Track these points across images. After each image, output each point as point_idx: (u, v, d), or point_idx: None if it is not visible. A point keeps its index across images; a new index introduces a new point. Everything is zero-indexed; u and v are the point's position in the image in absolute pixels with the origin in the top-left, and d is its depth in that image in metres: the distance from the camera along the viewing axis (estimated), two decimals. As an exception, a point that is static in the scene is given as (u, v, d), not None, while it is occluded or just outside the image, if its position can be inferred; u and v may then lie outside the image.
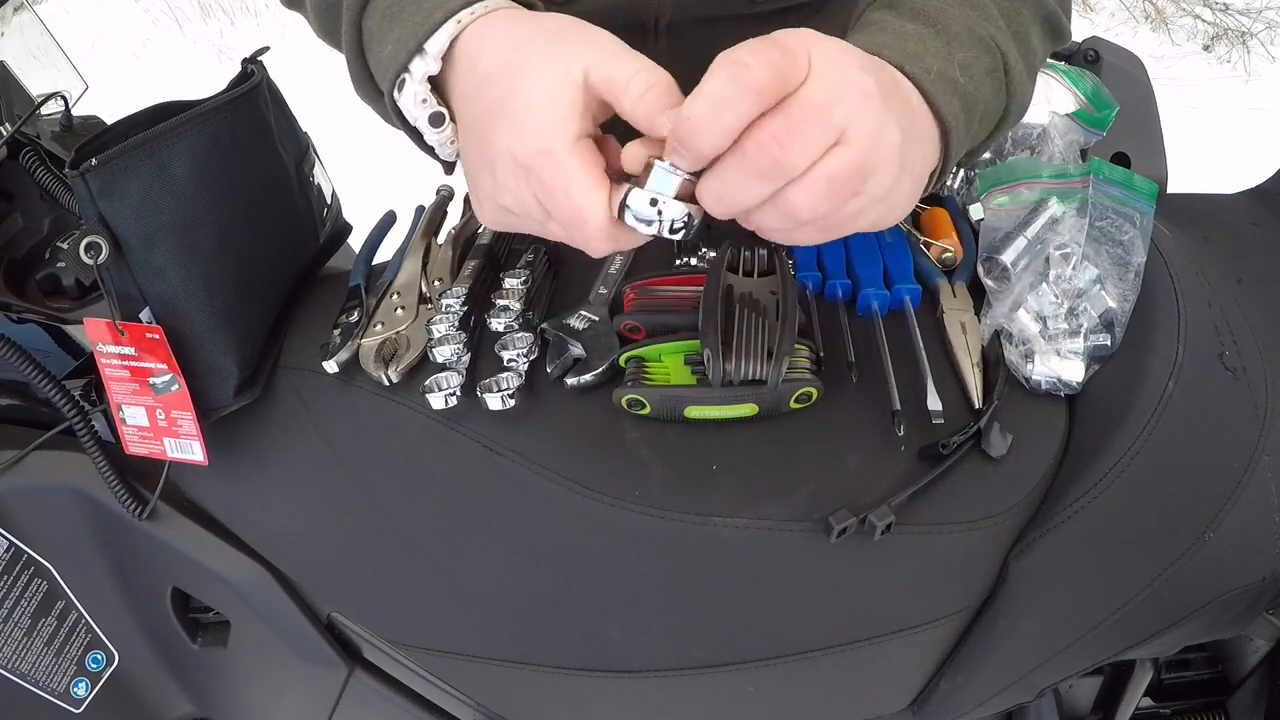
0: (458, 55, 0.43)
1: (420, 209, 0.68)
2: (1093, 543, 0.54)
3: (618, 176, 0.40)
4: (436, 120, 0.44)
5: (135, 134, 0.48)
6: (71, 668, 0.61)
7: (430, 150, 0.48)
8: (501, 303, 0.58)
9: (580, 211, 0.39)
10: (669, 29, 0.69)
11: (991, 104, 0.46)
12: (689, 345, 0.55)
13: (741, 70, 0.34)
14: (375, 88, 0.48)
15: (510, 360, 0.55)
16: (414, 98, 0.44)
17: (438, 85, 0.45)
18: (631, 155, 0.40)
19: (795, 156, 0.35)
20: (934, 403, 0.54)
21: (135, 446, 0.56)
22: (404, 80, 0.44)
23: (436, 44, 0.42)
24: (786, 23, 0.71)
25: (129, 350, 0.51)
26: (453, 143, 0.46)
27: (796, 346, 0.54)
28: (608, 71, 0.39)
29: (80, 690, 0.62)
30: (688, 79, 0.73)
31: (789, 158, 0.34)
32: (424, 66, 0.43)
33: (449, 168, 0.49)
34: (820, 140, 0.35)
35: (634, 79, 0.38)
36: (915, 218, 0.67)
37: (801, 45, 0.35)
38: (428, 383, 0.54)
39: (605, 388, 0.54)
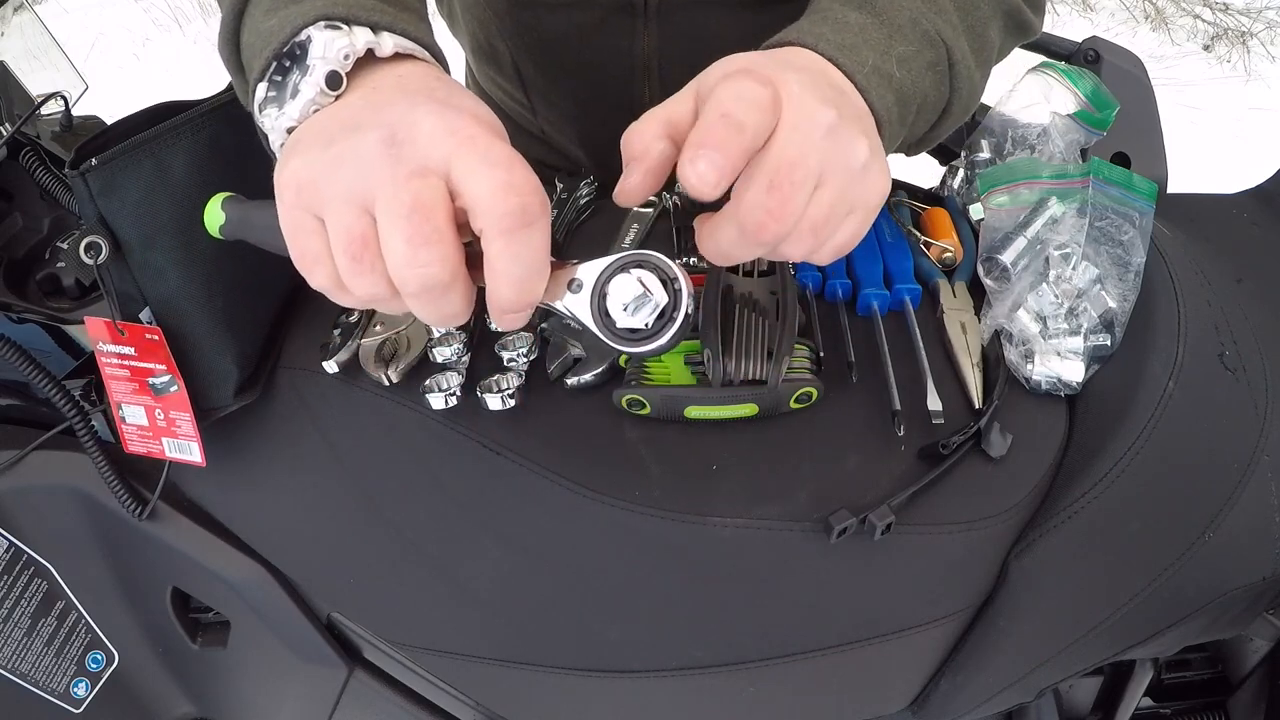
0: (381, 64, 0.39)
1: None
2: (1093, 543, 0.54)
3: None
4: (334, 81, 0.38)
5: (135, 134, 0.48)
6: (71, 668, 0.61)
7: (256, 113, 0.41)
8: (501, 303, 0.58)
9: (540, 208, 0.34)
10: (658, 11, 0.69)
11: (932, 96, 0.47)
12: (689, 345, 0.55)
13: (734, 134, 0.35)
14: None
15: (510, 360, 0.55)
16: (330, 45, 0.38)
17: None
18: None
19: (789, 223, 0.37)
20: (934, 403, 0.54)
21: (135, 445, 0.56)
22: (310, 36, 0.38)
23: (383, 41, 0.39)
24: (774, 12, 0.71)
25: (129, 350, 0.51)
26: (317, 110, 0.38)
27: (796, 346, 0.54)
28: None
29: (80, 690, 0.62)
30: (675, 62, 0.74)
31: (784, 226, 0.37)
32: (365, 36, 0.38)
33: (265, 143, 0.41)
34: (805, 197, 0.37)
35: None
36: (915, 218, 0.67)
37: (772, 88, 0.37)
38: (428, 383, 0.54)
39: (605, 388, 0.54)
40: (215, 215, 0.44)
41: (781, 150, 0.36)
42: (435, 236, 0.33)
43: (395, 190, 0.33)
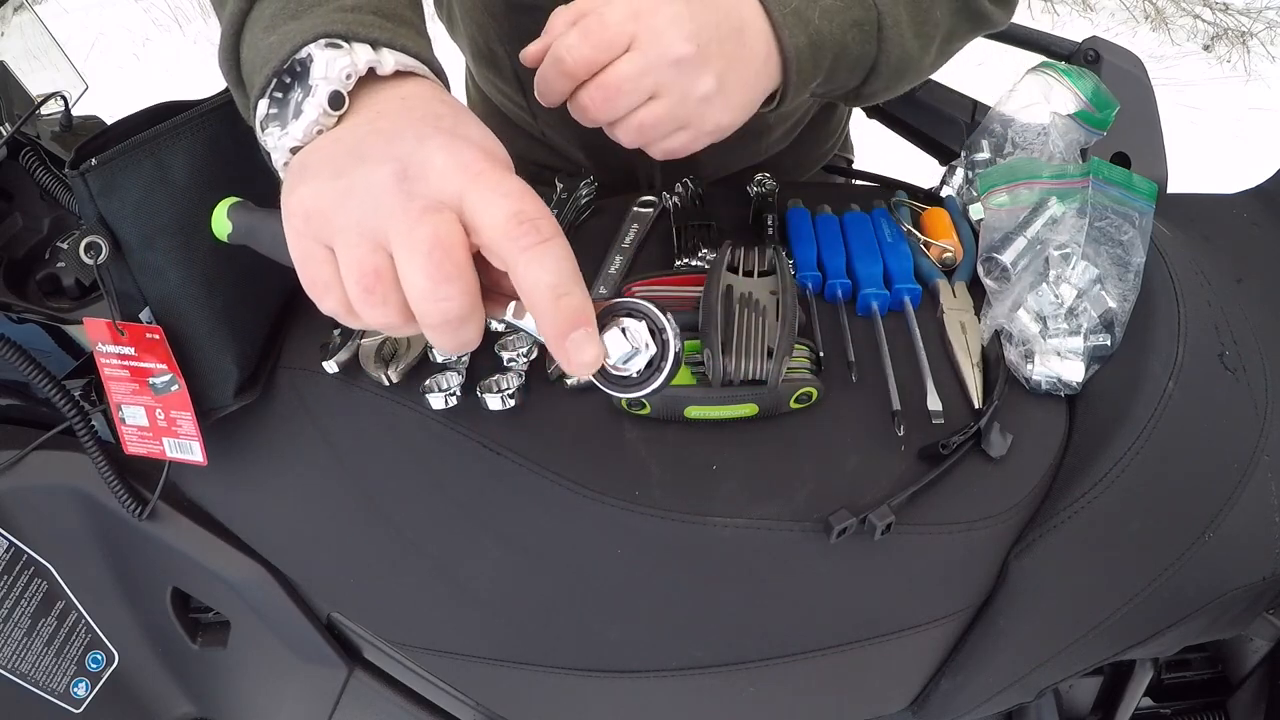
0: (383, 81, 0.40)
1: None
2: (1093, 543, 0.54)
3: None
4: (337, 101, 0.38)
5: (135, 134, 0.48)
6: (71, 668, 0.61)
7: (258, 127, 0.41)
8: (501, 303, 0.58)
9: (528, 209, 0.34)
10: None
11: (854, 51, 0.52)
12: (689, 345, 0.54)
13: (557, 61, 0.47)
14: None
15: (510, 360, 0.55)
16: (332, 64, 0.38)
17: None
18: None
19: (608, 115, 0.48)
20: (934, 403, 0.54)
21: (135, 446, 0.55)
22: (311, 55, 0.38)
23: (382, 58, 0.39)
24: None
25: (129, 350, 0.51)
26: (320, 131, 0.39)
27: (796, 346, 0.54)
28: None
29: (80, 690, 0.62)
30: None
31: (604, 116, 0.48)
32: (366, 55, 0.39)
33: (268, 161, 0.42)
34: (630, 102, 0.47)
35: None
36: (915, 218, 0.67)
37: (625, 23, 0.46)
38: (428, 383, 0.54)
39: (605, 388, 0.54)
40: (223, 222, 0.44)
41: (618, 65, 0.46)
42: (455, 272, 0.33)
43: (411, 227, 0.33)
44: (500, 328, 0.57)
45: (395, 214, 0.34)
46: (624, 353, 0.37)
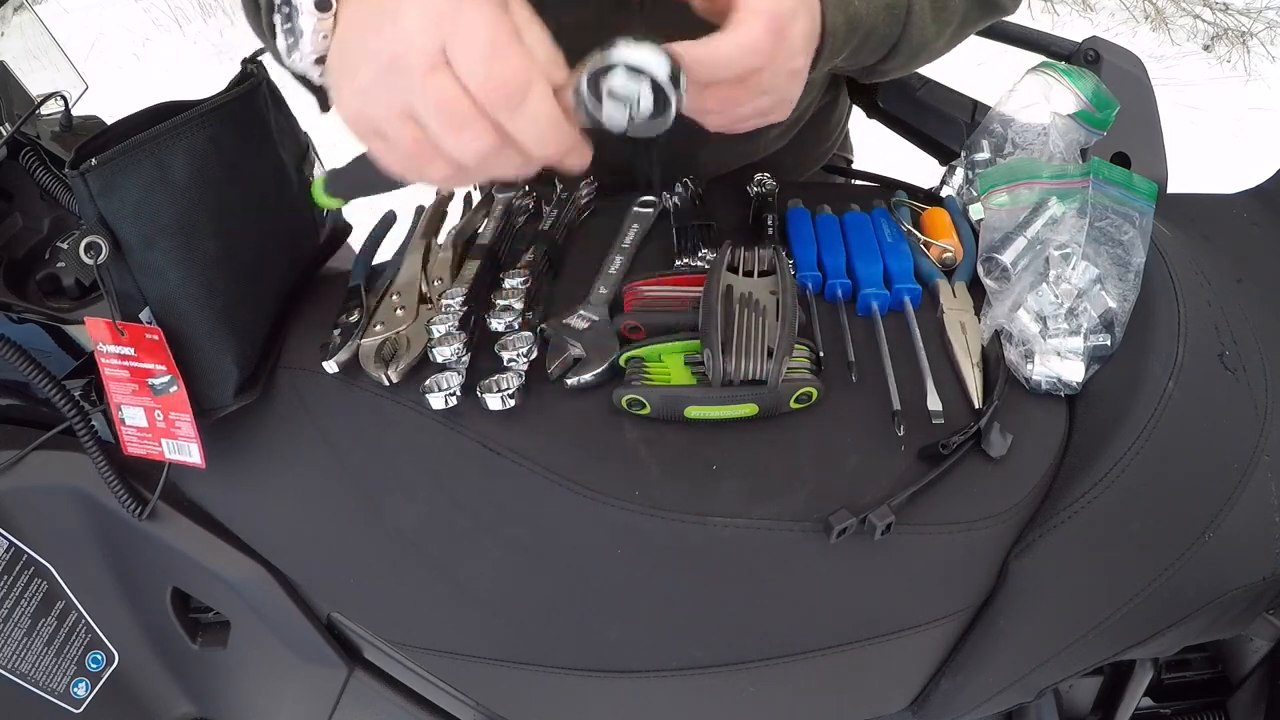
0: None
1: (420, 209, 0.68)
2: (1093, 543, 0.54)
3: None
4: (323, 4, 0.41)
5: (135, 134, 0.48)
6: (71, 668, 0.61)
7: (282, 54, 0.45)
8: (501, 303, 0.58)
9: (522, 73, 0.37)
10: (654, 2, 0.69)
11: (881, 32, 0.54)
12: (689, 345, 0.55)
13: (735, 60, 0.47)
14: None
15: (510, 360, 0.55)
16: None
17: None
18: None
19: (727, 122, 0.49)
20: (934, 403, 0.54)
21: (134, 447, 0.56)
22: None
23: None
24: None
25: (129, 350, 0.51)
26: (325, 36, 0.42)
27: (796, 346, 0.54)
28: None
29: (80, 690, 0.62)
30: None
31: (723, 123, 0.49)
32: None
33: (319, 96, 0.47)
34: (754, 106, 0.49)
35: None
36: (915, 218, 0.67)
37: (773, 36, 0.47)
38: (428, 383, 0.54)
39: (605, 388, 0.54)
40: (327, 200, 0.47)
41: (759, 80, 0.46)
42: (463, 119, 0.37)
43: (421, 99, 0.37)
44: (500, 328, 0.57)
45: (399, 95, 0.37)
46: (626, 94, 0.38)
